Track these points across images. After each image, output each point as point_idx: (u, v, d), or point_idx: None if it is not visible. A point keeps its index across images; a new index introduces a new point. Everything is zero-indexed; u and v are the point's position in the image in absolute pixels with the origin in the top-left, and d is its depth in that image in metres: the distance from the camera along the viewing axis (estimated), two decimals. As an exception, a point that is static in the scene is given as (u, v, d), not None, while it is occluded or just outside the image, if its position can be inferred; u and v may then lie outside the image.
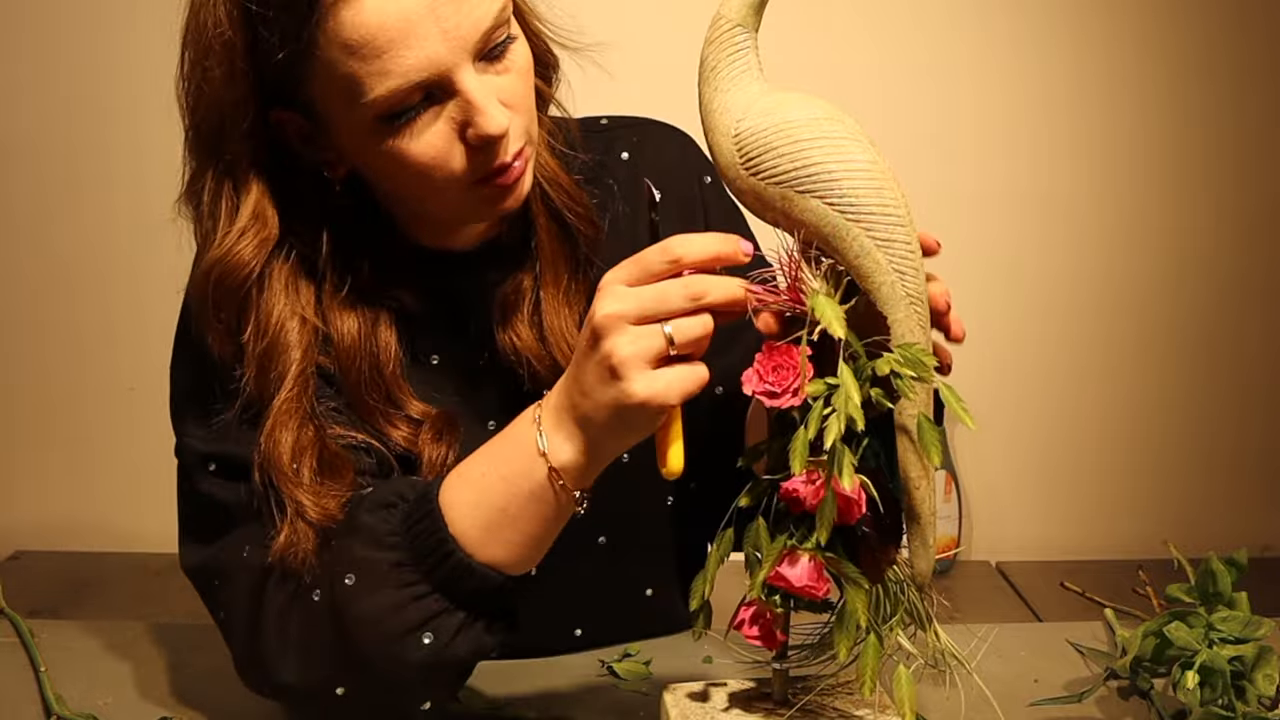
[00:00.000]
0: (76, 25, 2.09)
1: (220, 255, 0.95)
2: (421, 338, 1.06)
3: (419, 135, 0.92)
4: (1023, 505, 2.30)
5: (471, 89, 0.90)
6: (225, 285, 0.96)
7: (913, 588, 0.86)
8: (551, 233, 1.07)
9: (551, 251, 1.07)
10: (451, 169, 0.93)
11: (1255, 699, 0.89)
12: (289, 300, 0.97)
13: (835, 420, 0.77)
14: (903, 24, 2.15)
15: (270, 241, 0.96)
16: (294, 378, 0.96)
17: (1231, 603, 0.94)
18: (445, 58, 0.89)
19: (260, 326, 0.96)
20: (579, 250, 1.07)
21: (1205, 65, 2.18)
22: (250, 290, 0.96)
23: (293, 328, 0.97)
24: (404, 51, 0.88)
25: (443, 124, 0.92)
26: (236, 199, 0.96)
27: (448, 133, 0.92)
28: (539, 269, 1.06)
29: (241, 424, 0.97)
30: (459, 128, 0.92)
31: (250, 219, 0.95)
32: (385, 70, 0.88)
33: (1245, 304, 2.26)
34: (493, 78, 0.93)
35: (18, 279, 2.16)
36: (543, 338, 1.05)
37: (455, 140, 0.92)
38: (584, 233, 1.07)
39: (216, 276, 0.96)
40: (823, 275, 0.83)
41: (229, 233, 0.95)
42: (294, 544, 0.92)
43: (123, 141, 2.10)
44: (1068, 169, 2.20)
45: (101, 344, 2.14)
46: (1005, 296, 2.24)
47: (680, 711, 0.90)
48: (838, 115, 0.84)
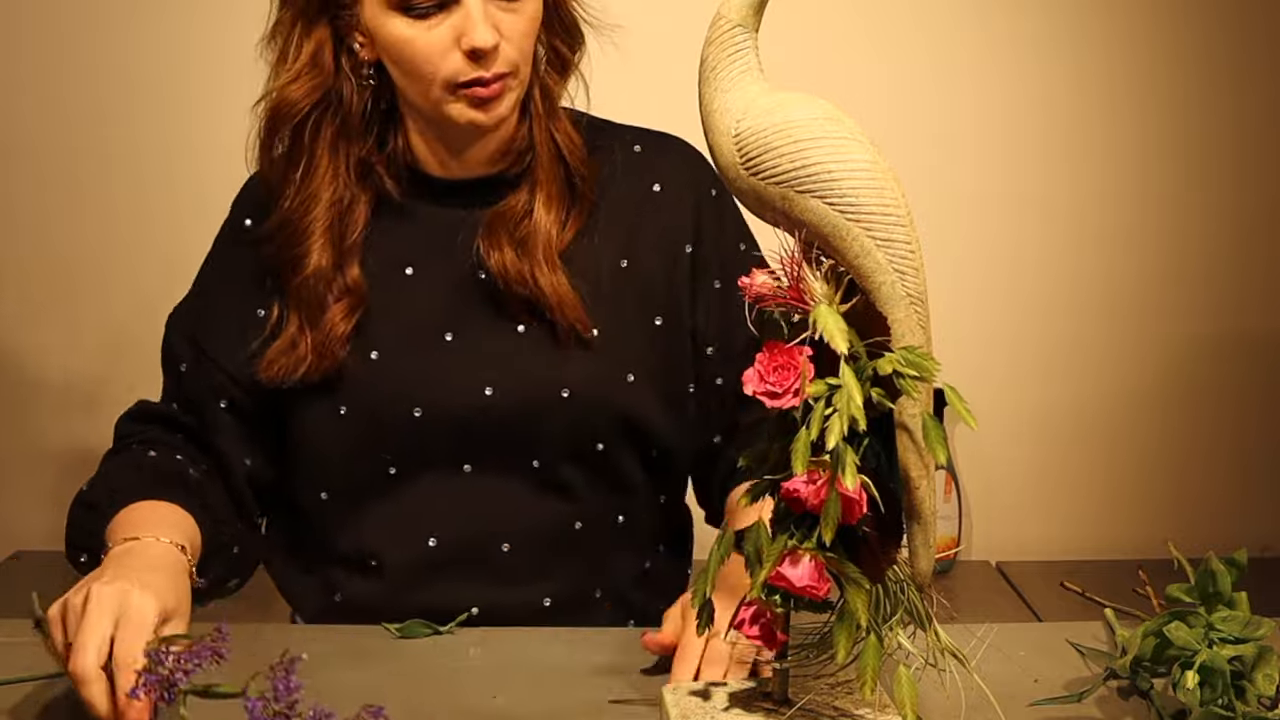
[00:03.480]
0: (76, 25, 2.09)
1: (279, 87, 1.15)
2: (402, 246, 1.21)
3: (424, 30, 1.11)
4: (1023, 505, 2.30)
5: (473, 5, 1.10)
6: (279, 115, 1.16)
7: (913, 587, 0.86)
8: (548, 165, 1.20)
9: (546, 181, 1.20)
10: (442, 67, 1.12)
11: (1255, 699, 0.89)
12: (329, 154, 1.17)
13: (838, 420, 0.77)
14: (903, 24, 2.15)
15: (323, 87, 1.15)
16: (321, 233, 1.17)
17: (1231, 603, 0.94)
18: None
19: (309, 168, 1.17)
20: (572, 183, 1.21)
21: (1205, 65, 2.18)
22: (299, 127, 1.16)
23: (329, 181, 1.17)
24: None
25: (446, 29, 1.11)
26: (300, 44, 1.15)
27: (447, 37, 1.11)
28: (532, 193, 1.20)
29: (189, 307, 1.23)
30: (455, 35, 1.11)
31: (308, 64, 1.15)
32: None
33: (1245, 304, 2.26)
34: (497, 9, 1.12)
35: (18, 279, 2.16)
36: (523, 250, 1.18)
37: (451, 45, 1.11)
38: (577, 170, 1.21)
39: (274, 105, 1.16)
40: (823, 275, 0.83)
41: (290, 71, 1.15)
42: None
43: (123, 141, 2.10)
44: (1068, 169, 2.20)
45: (102, 343, 2.14)
46: (1005, 296, 2.24)
47: (680, 711, 0.90)
48: (838, 115, 0.84)
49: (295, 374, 1.17)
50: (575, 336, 1.19)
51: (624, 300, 1.22)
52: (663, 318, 1.23)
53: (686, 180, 1.25)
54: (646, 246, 1.23)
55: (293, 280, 1.18)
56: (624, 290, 1.22)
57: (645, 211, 1.24)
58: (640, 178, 1.25)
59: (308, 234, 1.17)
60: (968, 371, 1.53)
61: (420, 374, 1.19)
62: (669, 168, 1.26)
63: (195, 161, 2.07)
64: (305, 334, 1.17)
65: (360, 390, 1.19)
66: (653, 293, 1.23)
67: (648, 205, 1.24)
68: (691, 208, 1.24)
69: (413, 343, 1.20)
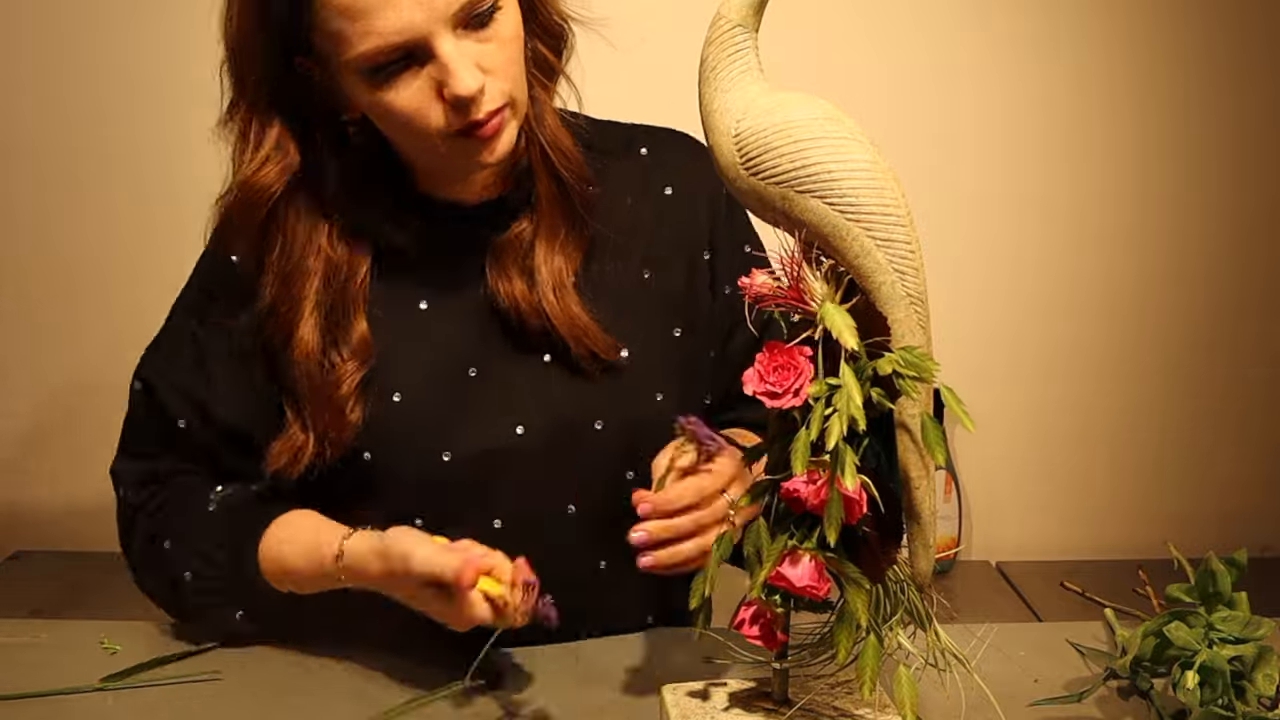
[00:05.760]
0: (76, 25, 2.09)
1: (245, 177, 1.08)
2: (413, 284, 1.15)
3: (400, 90, 1.02)
4: (1023, 505, 2.30)
5: (446, 53, 1.00)
6: (249, 203, 1.08)
7: (913, 588, 0.86)
8: (549, 189, 1.15)
9: (549, 206, 1.15)
10: (430, 121, 1.03)
11: (1255, 699, 0.89)
12: (307, 229, 1.10)
13: (838, 420, 0.77)
14: (903, 24, 2.15)
15: (291, 169, 1.08)
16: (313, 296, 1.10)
17: (1231, 603, 0.94)
18: (421, 25, 0.99)
19: (286, 249, 1.10)
20: (574, 207, 1.15)
21: (1205, 65, 2.18)
22: (274, 211, 1.09)
23: (311, 256, 1.10)
24: (384, 16, 0.98)
25: (422, 82, 1.02)
26: (263, 129, 1.08)
27: (427, 90, 1.02)
28: (536, 221, 1.15)
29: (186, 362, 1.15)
30: (436, 86, 1.02)
31: (273, 148, 1.08)
32: (367, 30, 0.99)
33: (1245, 304, 2.25)
34: (472, 44, 1.02)
35: (18, 279, 2.16)
36: (532, 283, 1.13)
37: (434, 97, 1.03)
38: (579, 191, 1.15)
39: (240, 195, 1.08)
40: (823, 275, 0.83)
41: (254, 158, 1.07)
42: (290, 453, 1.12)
43: (123, 141, 2.10)
44: (1068, 170, 2.20)
45: (102, 344, 2.14)
46: (1005, 297, 2.23)
47: (680, 711, 0.90)
48: (838, 115, 0.84)
49: (298, 467, 1.11)
50: (600, 362, 1.14)
51: (650, 315, 1.18)
52: (682, 328, 1.20)
53: (697, 180, 1.22)
54: (666, 255, 1.20)
55: (287, 361, 1.11)
56: (649, 304, 1.18)
57: (659, 218, 1.21)
58: (650, 183, 1.21)
59: (296, 315, 1.10)
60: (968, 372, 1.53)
61: (446, 413, 1.13)
62: (677, 168, 1.22)
63: (195, 161, 2.06)
64: (305, 429, 1.11)
65: (384, 434, 1.12)
66: (674, 303, 1.20)
67: (661, 211, 1.21)
68: (705, 210, 1.22)
69: (435, 381, 1.14)
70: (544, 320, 1.13)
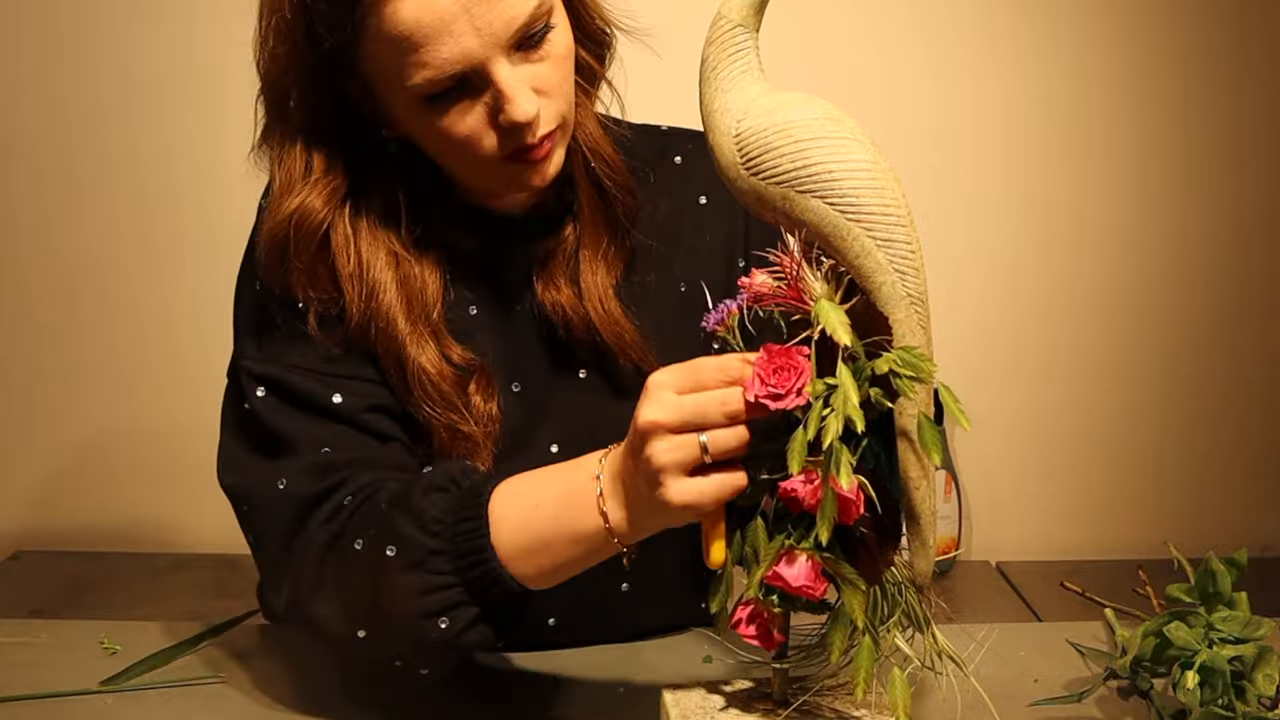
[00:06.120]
0: (76, 25, 2.09)
1: (297, 205, 1.02)
2: (463, 289, 1.12)
3: (457, 116, 0.99)
4: (1023, 505, 2.30)
5: (503, 79, 0.97)
6: (302, 231, 1.03)
7: (911, 589, 0.86)
8: (591, 198, 1.13)
9: (591, 215, 1.13)
10: (484, 146, 1.00)
11: (1255, 699, 0.89)
12: (372, 243, 1.06)
13: (833, 420, 0.77)
14: (903, 24, 2.15)
15: (340, 192, 1.04)
16: (401, 307, 1.05)
17: (1231, 603, 0.94)
18: (477, 52, 0.96)
19: (354, 269, 1.05)
20: (617, 216, 1.13)
21: (1205, 65, 2.18)
22: (327, 235, 1.04)
23: (382, 263, 1.06)
24: (439, 46, 0.95)
25: (479, 108, 0.99)
26: (308, 155, 1.04)
27: (482, 116, 0.99)
28: (579, 230, 1.13)
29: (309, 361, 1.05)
30: (492, 112, 0.99)
31: (322, 172, 1.04)
32: (423, 62, 0.95)
33: (1244, 304, 2.25)
34: (527, 67, 0.99)
35: (18, 279, 2.16)
36: (580, 294, 1.11)
37: (488, 123, 1.00)
38: (621, 200, 1.13)
39: (296, 223, 1.03)
40: (823, 275, 0.83)
41: (304, 185, 1.03)
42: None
43: (123, 141, 2.10)
44: (1068, 169, 2.20)
45: (101, 344, 2.14)
46: (1005, 296, 2.24)
47: (680, 711, 0.90)
48: (838, 115, 0.84)
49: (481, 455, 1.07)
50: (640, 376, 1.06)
51: (688, 328, 1.12)
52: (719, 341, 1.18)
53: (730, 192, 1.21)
54: (701, 266, 1.18)
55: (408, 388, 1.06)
56: (687, 317, 1.13)
57: (695, 229, 1.19)
58: (685, 192, 1.19)
59: (394, 332, 1.05)
60: (968, 372, 1.53)
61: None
62: (710, 176, 1.18)
63: (195, 161, 2.07)
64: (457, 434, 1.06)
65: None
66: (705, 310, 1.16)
67: (697, 221, 1.19)
68: (740, 218, 1.19)
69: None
70: (591, 332, 1.11)
